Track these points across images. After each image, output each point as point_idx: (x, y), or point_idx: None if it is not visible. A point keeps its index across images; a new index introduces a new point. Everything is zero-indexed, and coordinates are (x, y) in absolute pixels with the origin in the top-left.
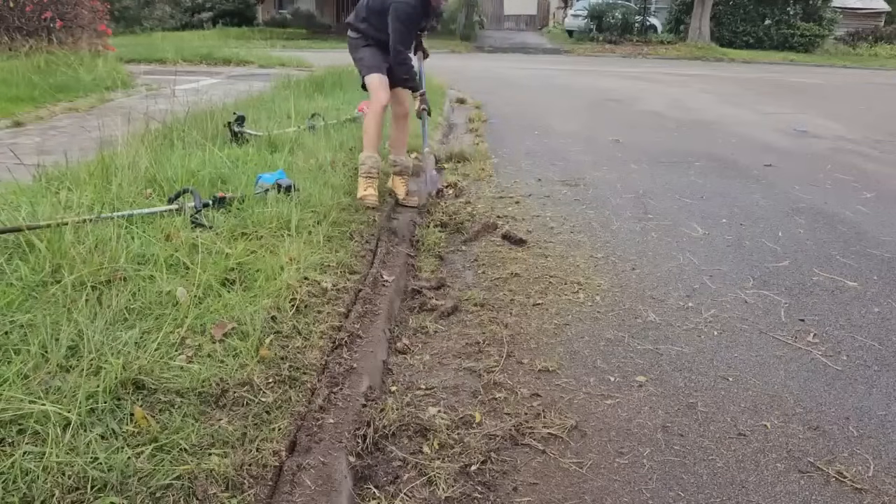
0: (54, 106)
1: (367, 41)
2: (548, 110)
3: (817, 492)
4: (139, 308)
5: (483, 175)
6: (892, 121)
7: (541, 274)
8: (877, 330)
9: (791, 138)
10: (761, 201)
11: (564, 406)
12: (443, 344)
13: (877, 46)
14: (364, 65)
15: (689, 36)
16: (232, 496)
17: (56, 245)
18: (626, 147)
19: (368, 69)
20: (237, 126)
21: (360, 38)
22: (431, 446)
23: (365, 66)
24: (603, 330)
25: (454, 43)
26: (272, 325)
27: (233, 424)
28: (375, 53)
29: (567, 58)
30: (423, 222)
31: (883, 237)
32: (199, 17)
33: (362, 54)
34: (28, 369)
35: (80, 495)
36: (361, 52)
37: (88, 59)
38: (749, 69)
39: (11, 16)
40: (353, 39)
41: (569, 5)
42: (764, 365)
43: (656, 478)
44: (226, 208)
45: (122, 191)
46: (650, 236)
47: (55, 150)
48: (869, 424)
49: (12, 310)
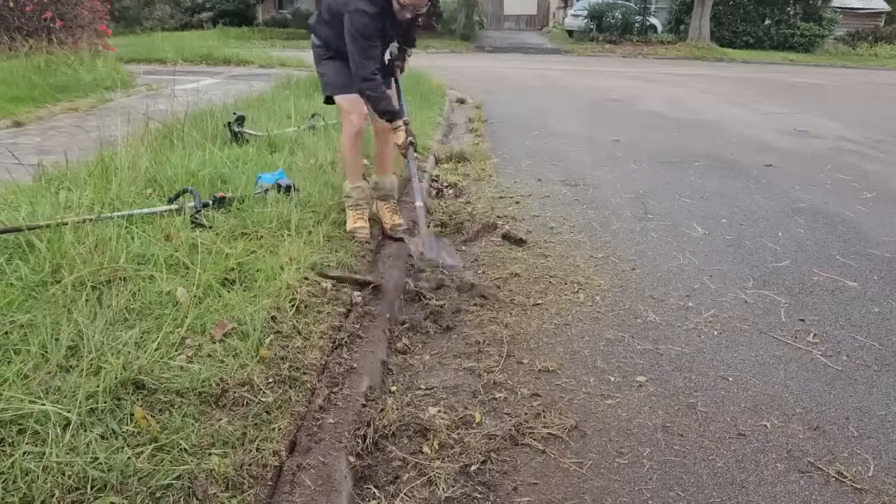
0: (54, 106)
1: (329, 51)
2: (548, 110)
3: (817, 492)
4: (139, 308)
5: (483, 175)
6: (892, 121)
7: (541, 274)
8: (877, 330)
9: (791, 138)
10: (761, 201)
11: (564, 406)
12: (443, 344)
13: (877, 46)
14: (329, 82)
15: (688, 36)
16: (232, 496)
17: (56, 245)
18: (626, 147)
19: (338, 88)
20: (237, 126)
21: (322, 46)
22: (431, 446)
23: (332, 85)
24: (603, 330)
25: (454, 43)
26: (272, 325)
27: (233, 424)
28: (342, 69)
29: (567, 58)
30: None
31: (883, 237)
32: (199, 17)
33: (325, 69)
34: (28, 369)
35: (80, 495)
36: (324, 66)
37: (88, 59)
38: (749, 69)
39: (11, 16)
40: (315, 48)
41: (569, 5)
42: (764, 365)
43: (656, 478)
44: (226, 208)
45: (122, 191)
46: (650, 236)
47: (55, 150)
48: (869, 424)
49: (12, 310)
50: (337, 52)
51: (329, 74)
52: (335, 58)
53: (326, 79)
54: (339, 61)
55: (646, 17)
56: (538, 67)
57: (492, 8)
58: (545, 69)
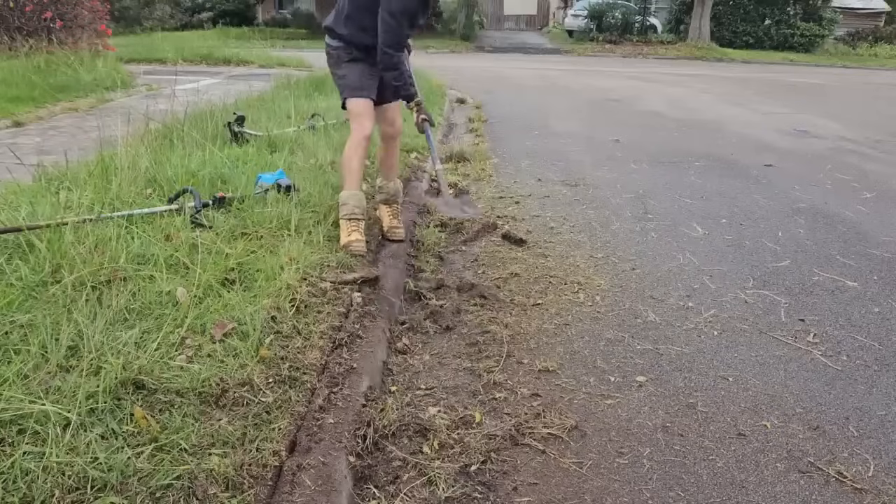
0: (54, 106)
1: (352, 53)
2: (548, 110)
3: (817, 492)
4: (139, 308)
5: (483, 175)
6: (892, 121)
7: (541, 274)
8: (877, 330)
9: (791, 138)
10: (761, 201)
11: (564, 406)
12: (443, 344)
13: (877, 46)
14: (347, 85)
15: (688, 36)
16: (232, 496)
17: (56, 245)
18: (626, 147)
19: (353, 91)
20: (237, 126)
21: (343, 48)
22: (431, 446)
23: (349, 88)
24: (603, 330)
25: (454, 43)
26: (272, 325)
27: (233, 424)
28: (364, 71)
29: (567, 58)
30: (423, 222)
31: (883, 237)
32: (199, 17)
33: (346, 71)
34: (28, 369)
35: (80, 495)
36: (345, 69)
37: (88, 59)
38: (749, 69)
39: (11, 16)
40: (333, 50)
41: (569, 5)
42: (764, 365)
43: (656, 478)
44: (226, 208)
45: (122, 191)
46: (650, 236)
47: (55, 150)
48: (869, 424)
49: (12, 310)
50: (360, 51)
51: (350, 77)
52: (359, 60)
53: (347, 81)
54: (363, 64)
55: (646, 17)
56: (538, 67)
57: (492, 8)
58: (545, 69)
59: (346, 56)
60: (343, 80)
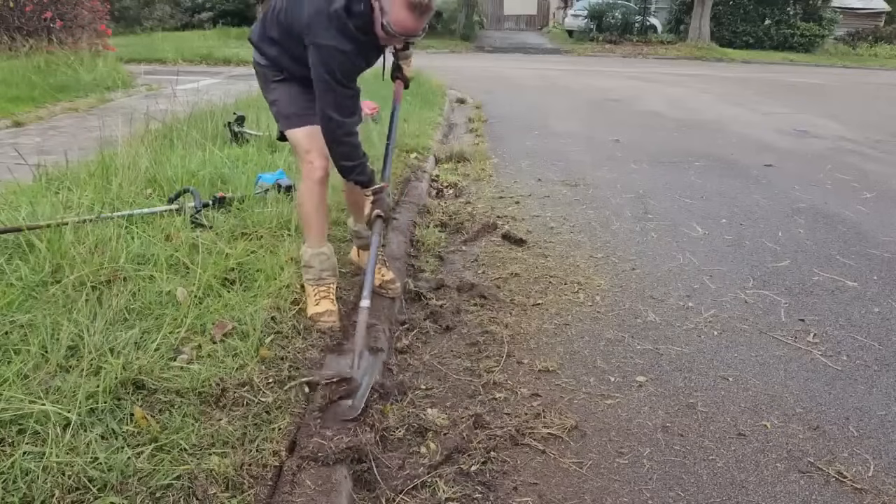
0: (54, 106)
1: (282, 72)
2: (548, 110)
3: (817, 492)
4: (139, 308)
5: (483, 175)
6: (892, 121)
7: (541, 274)
8: (877, 330)
9: (791, 138)
10: (761, 201)
11: (564, 406)
12: (443, 344)
13: (877, 46)
14: (282, 113)
15: (688, 36)
16: (232, 496)
17: (56, 245)
18: (626, 147)
19: (289, 120)
20: (237, 126)
21: (270, 67)
22: (431, 446)
23: (283, 117)
24: (603, 330)
25: (454, 43)
26: (272, 325)
27: (233, 424)
28: (298, 95)
29: (567, 58)
30: (423, 222)
31: (883, 237)
32: (198, 17)
33: (277, 94)
34: (28, 369)
35: (80, 495)
36: (275, 92)
37: (88, 59)
38: (749, 69)
39: (11, 16)
40: (260, 67)
41: (569, 5)
42: (764, 365)
43: (656, 478)
44: (226, 208)
45: (122, 191)
46: (650, 236)
47: (55, 150)
48: (869, 424)
49: (12, 310)
50: (291, 74)
51: (282, 102)
52: (289, 80)
53: (279, 108)
54: (296, 85)
55: (646, 17)
56: (538, 67)
57: (492, 8)
58: (545, 69)
59: (274, 76)
60: (276, 108)
